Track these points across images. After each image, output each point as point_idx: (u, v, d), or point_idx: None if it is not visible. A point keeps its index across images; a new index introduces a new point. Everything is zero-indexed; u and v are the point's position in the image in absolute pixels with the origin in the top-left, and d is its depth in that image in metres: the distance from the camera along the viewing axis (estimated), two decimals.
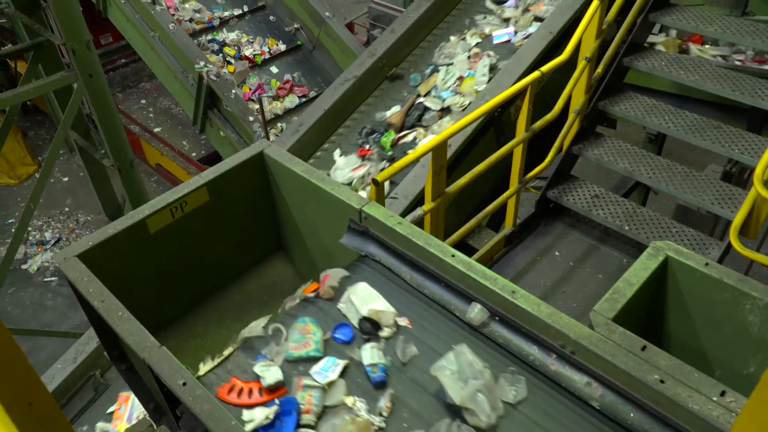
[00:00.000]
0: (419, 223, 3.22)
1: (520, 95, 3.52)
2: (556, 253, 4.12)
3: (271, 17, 8.75)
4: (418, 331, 2.20)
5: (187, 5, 8.49)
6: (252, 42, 8.32)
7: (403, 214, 3.71)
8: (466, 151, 4.23)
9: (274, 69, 8.20)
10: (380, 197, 2.91)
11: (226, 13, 8.56)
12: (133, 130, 11.30)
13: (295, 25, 8.14)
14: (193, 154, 10.88)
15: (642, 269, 2.29)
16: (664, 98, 4.51)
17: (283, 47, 8.31)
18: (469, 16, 5.23)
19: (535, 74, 3.47)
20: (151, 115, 12.45)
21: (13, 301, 9.42)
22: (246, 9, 8.63)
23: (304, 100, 7.83)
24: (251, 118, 6.77)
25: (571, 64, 3.75)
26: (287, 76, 8.04)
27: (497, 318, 2.10)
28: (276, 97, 7.86)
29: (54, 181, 11.64)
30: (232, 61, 7.99)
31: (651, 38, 5.21)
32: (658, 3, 4.33)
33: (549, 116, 3.77)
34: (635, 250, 3.98)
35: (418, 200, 3.83)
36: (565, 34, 4.63)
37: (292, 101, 7.77)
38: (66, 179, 11.90)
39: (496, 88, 4.32)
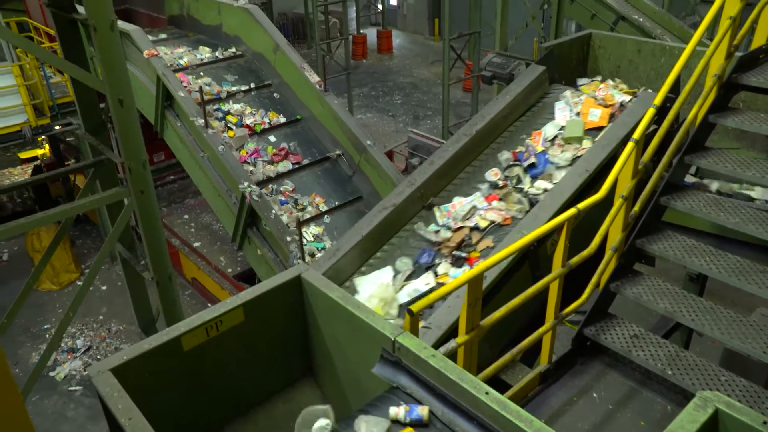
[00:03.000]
0: (452, 355, 3.15)
1: (556, 230, 3.55)
2: (594, 395, 3.94)
3: (276, 95, 9.40)
4: None
5: (200, 80, 9.22)
6: (254, 114, 8.95)
7: (436, 345, 3.65)
8: (501, 284, 4.21)
9: (272, 138, 8.73)
10: (414, 328, 2.88)
11: (234, 88, 9.26)
12: (174, 243, 11.62)
13: (337, 151, 8.51)
14: (229, 270, 11.06)
15: (689, 421, 2.16)
16: (704, 238, 4.47)
17: (283, 120, 8.92)
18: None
19: (572, 211, 3.51)
20: (192, 229, 12.84)
21: (36, 409, 9.32)
22: (253, 85, 9.36)
23: (297, 166, 8.38)
24: (288, 239, 6.92)
25: (607, 201, 3.79)
26: (284, 144, 8.56)
27: None
28: (271, 162, 8.36)
29: (92, 289, 11.88)
30: (234, 128, 8.58)
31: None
32: (693, 145, 4.43)
33: (586, 252, 3.76)
34: (680, 398, 3.79)
35: (452, 331, 3.77)
36: (602, 172, 4.73)
37: (285, 166, 8.31)
38: (104, 288, 12.14)
39: (532, 222, 4.37)
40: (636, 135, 3.82)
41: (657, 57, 5.93)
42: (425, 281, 4.45)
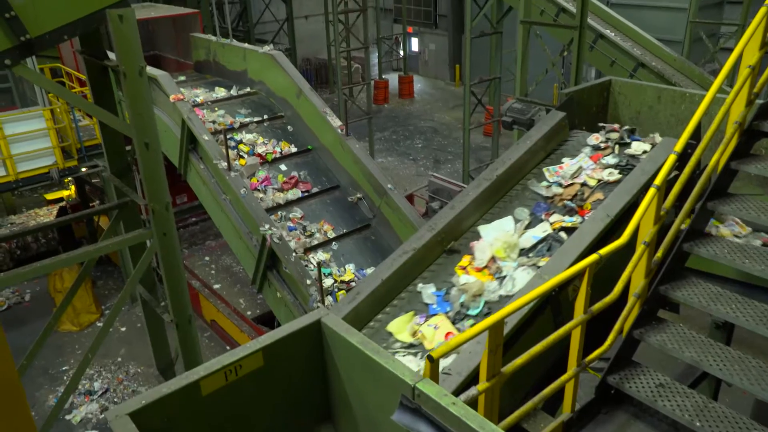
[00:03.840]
0: (473, 403, 3.09)
1: (578, 276, 3.51)
2: None
3: (289, 127, 9.65)
4: None
5: (214, 113, 9.54)
6: (266, 143, 9.21)
7: (456, 392, 3.59)
8: (522, 330, 4.15)
9: (283, 167, 8.96)
10: (434, 375, 2.85)
11: (247, 119, 9.56)
12: (194, 285, 11.68)
13: (358, 195, 8.57)
14: (248, 313, 11.06)
15: None
16: (729, 285, 4.39)
17: (294, 149, 9.17)
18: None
19: (594, 257, 3.48)
20: (212, 271, 12.91)
21: None
22: (266, 116, 9.69)
23: (306, 194, 8.62)
24: (308, 282, 6.93)
25: (629, 247, 3.76)
26: (294, 173, 8.79)
27: None
28: (281, 190, 8.57)
29: (112, 330, 11.93)
30: (245, 156, 8.80)
31: None
32: (716, 192, 4.39)
33: (608, 299, 3.71)
34: None
35: (473, 378, 3.71)
36: (624, 217, 4.70)
37: (294, 194, 8.55)
38: (123, 329, 12.19)
39: (554, 267, 4.33)
40: (657, 181, 3.80)
41: (677, 103, 5.95)
42: (542, 229, 4.95)
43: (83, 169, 12.21)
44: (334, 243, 8.02)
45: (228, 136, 9.01)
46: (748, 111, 4.34)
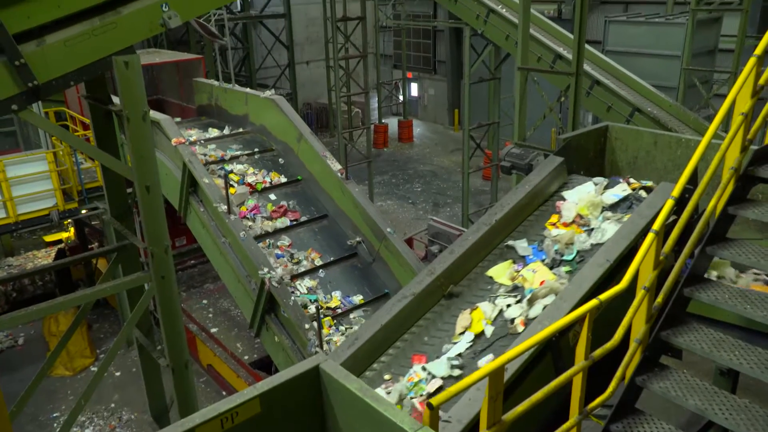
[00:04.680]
0: None
1: (578, 322, 3.49)
2: None
3: (281, 160, 9.88)
4: None
5: (207, 148, 9.81)
6: (256, 173, 9.44)
7: None
8: (523, 377, 4.10)
9: (272, 196, 9.18)
10: (434, 423, 2.80)
11: (238, 152, 9.86)
12: (191, 329, 11.58)
13: (357, 238, 8.58)
14: (245, 357, 10.92)
15: None
16: (732, 331, 4.35)
17: (284, 179, 9.41)
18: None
19: (594, 303, 3.46)
20: (210, 315, 12.80)
21: None
22: (257, 149, 9.97)
23: (295, 222, 8.81)
24: (307, 326, 6.87)
25: (630, 292, 3.74)
26: (283, 203, 9.00)
27: None
28: (269, 218, 8.75)
29: (106, 375, 11.75)
30: (235, 185, 8.98)
31: None
32: (715, 236, 4.40)
33: (609, 345, 3.67)
34: None
35: (473, 425, 3.64)
36: (623, 262, 4.69)
37: (283, 222, 8.74)
38: (118, 374, 12.00)
39: (554, 313, 4.30)
40: (656, 226, 3.81)
41: (673, 149, 6.01)
42: (622, 188, 5.41)
43: (83, 211, 12.24)
44: (321, 270, 8.21)
45: (219, 167, 9.28)
46: (743, 157, 4.38)
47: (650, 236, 3.78)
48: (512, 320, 4.63)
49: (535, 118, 13.10)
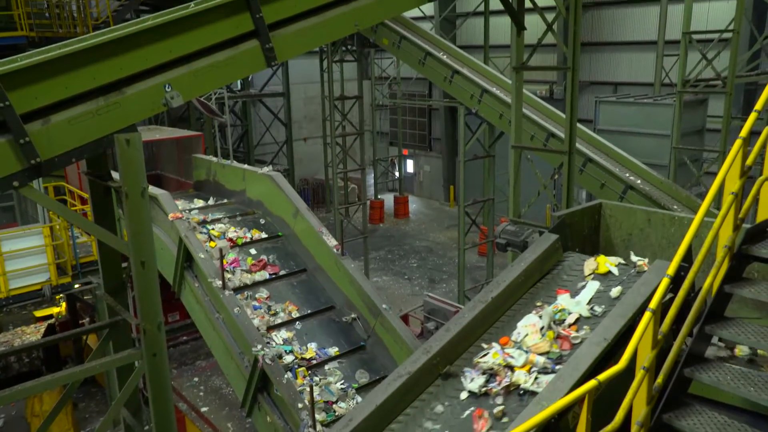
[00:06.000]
0: None
1: (577, 403, 3.41)
2: None
3: (262, 221, 10.16)
4: None
5: (191, 213, 10.20)
6: (238, 231, 9.72)
7: None
8: None
9: (253, 251, 9.39)
10: None
11: (220, 215, 10.19)
12: (181, 408, 11.25)
13: (353, 315, 8.49)
14: None
15: None
16: (736, 414, 4.23)
17: (265, 235, 9.69)
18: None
19: (592, 383, 3.40)
20: (201, 393, 12.46)
21: None
22: (238, 213, 10.32)
23: (274, 276, 8.97)
24: (300, 405, 6.69)
25: (629, 371, 3.68)
26: (263, 257, 9.20)
27: None
28: (249, 271, 8.94)
29: None
30: (216, 240, 9.25)
31: None
32: (712, 315, 4.37)
33: (610, 428, 3.57)
34: None
35: None
36: (621, 340, 4.63)
37: (262, 275, 8.93)
38: None
39: (552, 393, 4.21)
40: (652, 304, 3.79)
41: (667, 226, 6.06)
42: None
43: (76, 286, 12.14)
44: (297, 323, 8.37)
45: (202, 227, 9.56)
46: (736, 235, 4.42)
47: (647, 315, 3.76)
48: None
49: (529, 194, 13.28)
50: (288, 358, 7.57)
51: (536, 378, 4.62)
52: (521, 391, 4.58)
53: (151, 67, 5.01)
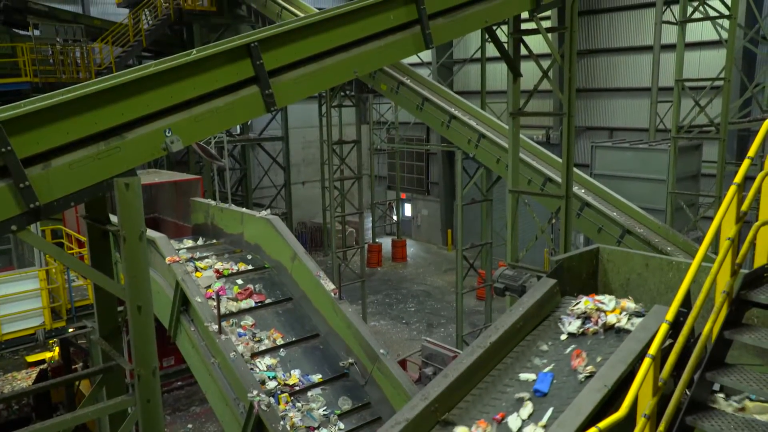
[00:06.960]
0: None
1: None
2: None
3: (248, 256, 10.45)
4: None
5: (180, 251, 10.35)
6: (225, 263, 9.99)
7: None
8: None
9: (239, 281, 9.61)
10: None
11: (207, 254, 10.51)
12: None
13: (350, 360, 8.39)
14: None
15: None
16: None
17: (251, 267, 9.96)
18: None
19: (593, 431, 3.34)
20: None
21: None
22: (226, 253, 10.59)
23: (259, 304, 9.18)
24: None
25: (630, 419, 3.62)
26: (249, 286, 9.42)
27: None
28: (235, 299, 9.11)
29: None
30: (202, 271, 9.51)
31: None
32: (713, 362, 4.33)
33: None
34: None
35: None
36: (621, 386, 4.57)
37: (247, 303, 9.12)
38: None
39: None
40: (652, 350, 3.76)
41: (665, 271, 6.06)
42: None
43: (70, 330, 12.00)
44: (282, 350, 8.47)
45: (189, 263, 9.73)
46: (734, 281, 4.42)
47: (647, 361, 3.72)
48: None
49: (527, 239, 13.30)
50: (271, 384, 7.71)
51: (629, 318, 5.27)
52: (617, 329, 5.24)
53: (152, 112, 5.07)
